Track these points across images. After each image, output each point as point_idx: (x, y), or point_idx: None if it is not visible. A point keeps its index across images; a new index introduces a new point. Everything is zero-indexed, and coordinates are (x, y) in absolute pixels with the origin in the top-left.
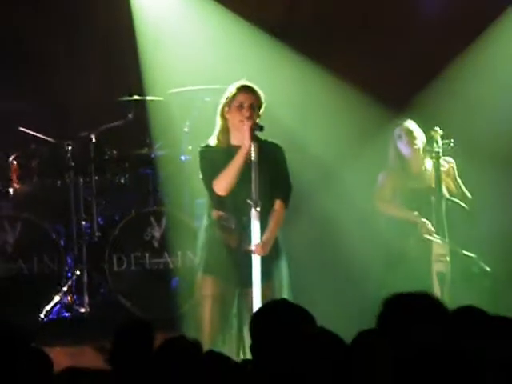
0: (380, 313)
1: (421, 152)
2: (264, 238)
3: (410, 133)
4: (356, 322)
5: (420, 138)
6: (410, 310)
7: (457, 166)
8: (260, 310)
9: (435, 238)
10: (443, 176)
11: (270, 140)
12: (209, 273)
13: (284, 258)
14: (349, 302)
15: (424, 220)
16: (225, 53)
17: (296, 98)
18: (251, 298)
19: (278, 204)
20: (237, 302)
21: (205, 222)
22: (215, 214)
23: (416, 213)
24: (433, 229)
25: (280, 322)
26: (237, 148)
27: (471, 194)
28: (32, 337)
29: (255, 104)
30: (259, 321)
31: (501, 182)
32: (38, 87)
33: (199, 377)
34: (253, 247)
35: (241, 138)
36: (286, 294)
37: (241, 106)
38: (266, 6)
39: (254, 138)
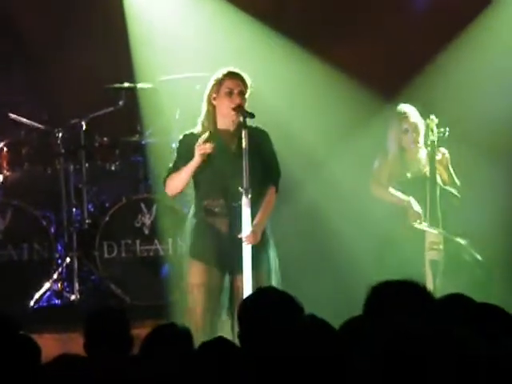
0: (366, 300)
1: (421, 144)
2: (254, 224)
3: (416, 128)
4: (347, 310)
5: (422, 130)
6: (396, 298)
7: (450, 154)
8: (248, 297)
9: (424, 227)
10: (436, 165)
11: (256, 126)
12: (197, 258)
13: (272, 246)
14: (340, 289)
15: (415, 207)
16: (215, 40)
17: (285, 85)
18: (242, 285)
19: (270, 190)
20: (228, 289)
21: (193, 208)
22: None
23: (411, 198)
24: (422, 217)
25: (268, 309)
26: (223, 132)
27: (463, 182)
28: (20, 324)
29: (244, 90)
30: (247, 308)
31: (493, 170)
32: (29, 75)
33: (189, 363)
34: (243, 236)
35: (228, 123)
36: (274, 282)
37: (230, 93)
38: None
39: (245, 126)
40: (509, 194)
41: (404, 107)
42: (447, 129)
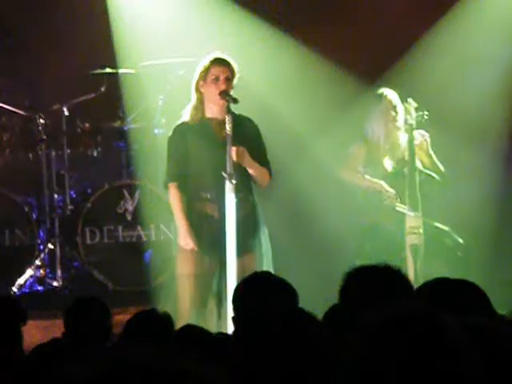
0: (341, 286)
1: (400, 126)
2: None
3: (395, 108)
4: (330, 295)
5: (401, 112)
6: (370, 284)
7: (430, 138)
8: (243, 282)
9: (404, 210)
10: (416, 149)
11: (243, 114)
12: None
13: (264, 230)
14: (324, 274)
15: (389, 189)
16: (198, 25)
17: (269, 70)
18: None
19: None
20: (217, 275)
21: (183, 197)
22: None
23: (382, 182)
24: (398, 199)
25: (263, 294)
26: (212, 120)
27: (443, 166)
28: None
29: (230, 76)
30: (242, 292)
31: (473, 154)
32: (10, 61)
33: (170, 349)
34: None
35: (216, 111)
36: (266, 266)
37: (216, 79)
38: None
39: (228, 111)
40: (489, 177)
41: (382, 90)
42: (426, 112)
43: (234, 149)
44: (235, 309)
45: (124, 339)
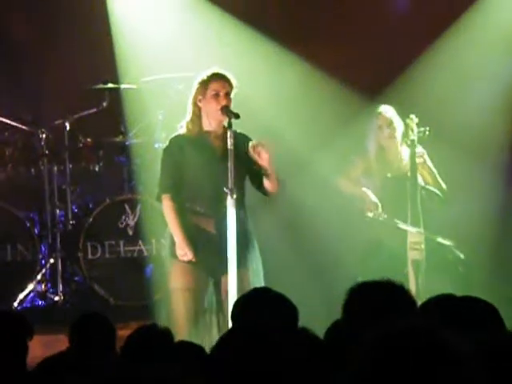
0: (344, 302)
1: (399, 142)
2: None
3: (390, 124)
4: (331, 311)
5: (400, 128)
6: (373, 300)
7: (430, 154)
8: (242, 298)
9: (406, 227)
10: (418, 165)
11: (240, 131)
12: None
13: (255, 246)
14: (325, 290)
15: (372, 197)
16: (198, 41)
17: (269, 86)
18: (226, 286)
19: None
20: (212, 290)
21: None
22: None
23: (365, 189)
24: (379, 206)
25: (262, 310)
26: (209, 134)
27: (445, 181)
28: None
29: (229, 91)
30: (241, 308)
31: (474, 168)
32: (12, 75)
33: (169, 364)
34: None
35: (214, 125)
36: (258, 282)
37: (216, 95)
38: None
39: (230, 127)
40: (491, 191)
41: (380, 106)
42: (427, 128)
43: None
44: (234, 324)
45: (125, 354)
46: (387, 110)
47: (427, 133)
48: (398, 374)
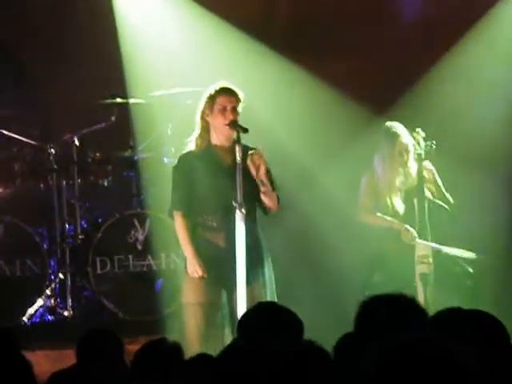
0: (356, 316)
1: (411, 161)
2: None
3: (406, 150)
4: (338, 325)
5: (413, 151)
6: (386, 313)
7: (438, 167)
8: (248, 312)
9: (419, 243)
10: (425, 179)
11: (249, 145)
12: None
13: (268, 261)
14: (332, 304)
15: (407, 227)
16: (207, 55)
17: (277, 100)
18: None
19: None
20: (226, 304)
21: (188, 225)
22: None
23: (390, 219)
24: (415, 234)
25: (268, 325)
26: (218, 148)
27: (452, 195)
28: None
29: (236, 105)
30: (247, 324)
31: (484, 181)
32: (21, 90)
33: (179, 379)
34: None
35: (222, 139)
36: (270, 296)
37: (224, 110)
38: (246, 8)
39: (238, 141)
40: (498, 205)
41: (394, 127)
42: (434, 142)
43: (253, 152)
44: (240, 338)
45: (134, 369)
46: (404, 134)
47: (434, 147)
48: None
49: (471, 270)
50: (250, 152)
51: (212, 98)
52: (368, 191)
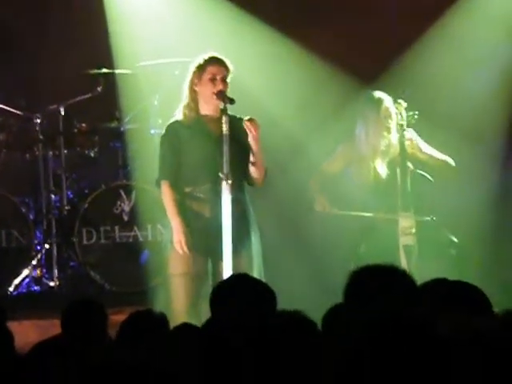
0: (346, 286)
1: (393, 129)
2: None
3: (390, 117)
4: (323, 296)
5: (395, 118)
6: (376, 283)
7: (424, 139)
8: (220, 284)
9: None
10: (408, 148)
11: (238, 116)
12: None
13: (256, 231)
14: (317, 275)
15: (320, 197)
16: (194, 26)
17: (264, 71)
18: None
19: None
20: (210, 275)
21: (175, 196)
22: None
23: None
24: (327, 204)
25: (239, 298)
26: (206, 118)
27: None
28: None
29: (226, 76)
30: (218, 296)
31: (470, 154)
32: (6, 61)
33: (165, 349)
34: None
35: (210, 109)
36: (256, 267)
37: (213, 79)
38: None
39: (225, 112)
40: (487, 177)
41: (379, 95)
42: (416, 112)
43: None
44: (212, 311)
45: (119, 340)
46: (387, 100)
47: (416, 117)
48: (394, 356)
49: (455, 240)
50: (246, 118)
51: (201, 68)
52: (340, 154)
